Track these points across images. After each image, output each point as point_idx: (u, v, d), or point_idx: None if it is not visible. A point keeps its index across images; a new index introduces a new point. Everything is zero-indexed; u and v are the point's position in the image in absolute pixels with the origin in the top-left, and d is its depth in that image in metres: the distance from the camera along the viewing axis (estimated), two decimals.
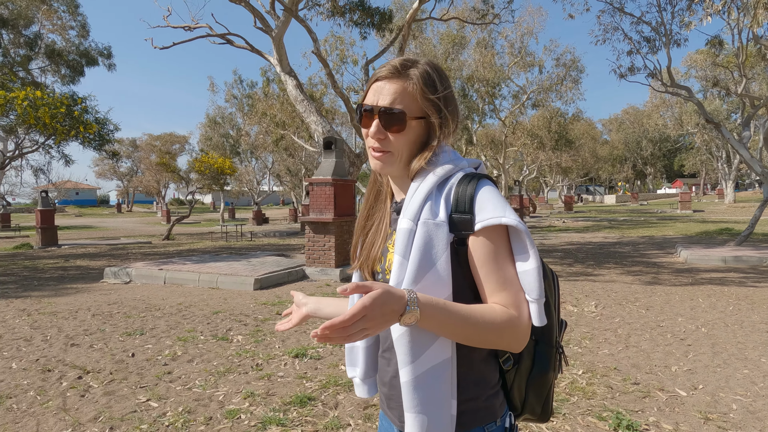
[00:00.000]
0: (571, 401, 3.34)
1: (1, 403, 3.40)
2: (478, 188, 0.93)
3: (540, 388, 1.02)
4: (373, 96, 0.98)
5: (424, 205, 0.94)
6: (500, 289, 0.90)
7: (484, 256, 0.91)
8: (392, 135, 0.97)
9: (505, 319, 0.88)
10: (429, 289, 0.90)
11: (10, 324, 5.68)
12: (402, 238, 0.93)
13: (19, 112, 9.47)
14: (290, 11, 12.30)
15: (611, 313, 5.90)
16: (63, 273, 10.09)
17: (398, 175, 1.03)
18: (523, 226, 0.89)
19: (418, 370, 0.90)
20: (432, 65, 0.99)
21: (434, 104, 0.96)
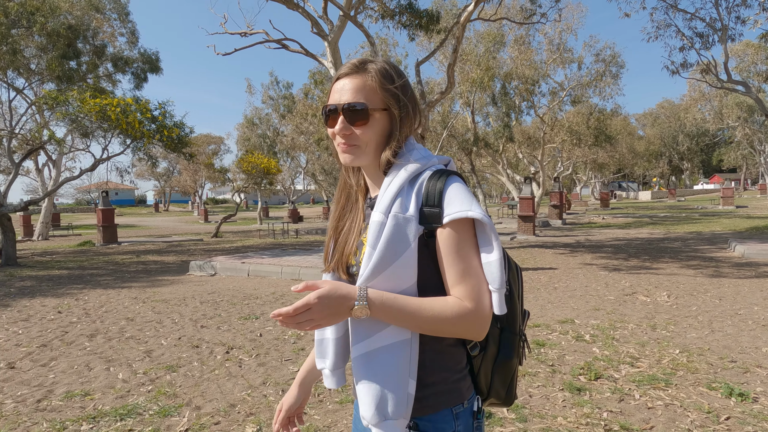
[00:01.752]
0: (678, 374, 3.71)
1: (175, 371, 3.98)
2: (447, 184, 0.97)
3: (505, 374, 1.06)
4: (335, 95, 1.02)
5: (396, 199, 0.98)
6: (459, 281, 0.94)
7: (448, 248, 0.95)
8: (357, 129, 1.01)
9: (456, 312, 0.92)
10: (393, 279, 0.94)
11: (133, 309, 6.34)
12: (373, 230, 0.97)
13: (113, 118, 10.29)
14: (348, 16, 12.81)
15: (686, 303, 6.19)
16: (144, 267, 10.86)
17: (368, 167, 1.08)
18: (488, 219, 0.94)
19: (371, 346, 0.96)
20: (388, 62, 1.05)
21: (393, 94, 1.01)
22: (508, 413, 3.10)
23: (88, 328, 5.43)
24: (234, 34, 15.20)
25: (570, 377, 3.69)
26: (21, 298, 7.32)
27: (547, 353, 4.27)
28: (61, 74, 11.61)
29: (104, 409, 3.25)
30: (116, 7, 21.77)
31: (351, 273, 1.06)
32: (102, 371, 4.00)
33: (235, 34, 15.16)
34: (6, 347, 4.75)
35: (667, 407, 3.16)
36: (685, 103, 52.30)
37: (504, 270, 0.95)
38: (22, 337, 5.09)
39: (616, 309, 5.91)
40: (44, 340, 4.97)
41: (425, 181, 0.99)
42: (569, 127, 27.28)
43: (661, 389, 3.44)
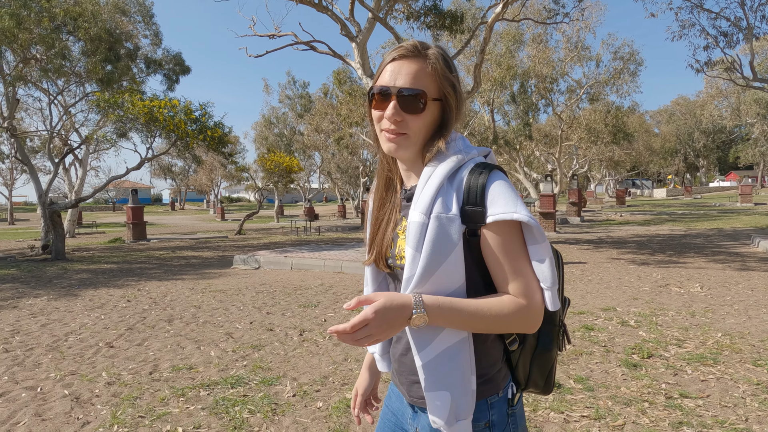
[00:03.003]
0: (723, 354, 4.04)
1: (260, 349, 4.39)
2: (490, 180, 0.94)
3: (543, 365, 1.06)
4: (389, 77, 0.96)
5: (437, 198, 0.94)
6: (511, 279, 0.93)
7: (496, 248, 0.93)
8: (410, 117, 0.95)
9: (513, 309, 0.92)
10: (442, 281, 0.93)
11: (196, 298, 6.79)
12: (414, 231, 0.94)
13: (160, 119, 10.79)
14: (378, 18, 13.18)
15: (719, 293, 6.48)
16: (186, 262, 11.34)
17: (410, 159, 1.03)
18: (534, 221, 0.92)
19: (434, 351, 0.95)
20: (445, 49, 1.00)
21: (451, 84, 0.97)
22: (575, 384, 3.46)
23: (162, 314, 5.87)
24: (263, 36, 15.63)
25: (624, 356, 4.04)
26: (85, 288, 7.80)
27: (597, 336, 4.62)
28: (103, 77, 12.13)
29: (213, 379, 3.67)
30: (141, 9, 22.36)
31: (389, 265, 1.05)
32: (194, 350, 4.43)
33: (263, 36, 15.59)
34: (97, 329, 5.20)
35: (719, 380, 3.49)
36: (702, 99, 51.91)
37: (554, 269, 0.94)
38: (107, 322, 5.54)
39: (653, 299, 6.23)
40: (128, 324, 5.42)
41: (466, 176, 0.96)
42: (587, 124, 27.42)
43: (710, 366, 3.78)
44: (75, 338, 4.88)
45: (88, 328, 5.28)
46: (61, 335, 5.00)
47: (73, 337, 4.92)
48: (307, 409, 3.14)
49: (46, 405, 3.27)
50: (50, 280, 8.78)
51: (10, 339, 4.90)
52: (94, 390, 3.51)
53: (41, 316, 5.86)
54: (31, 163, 13.88)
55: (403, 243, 1.00)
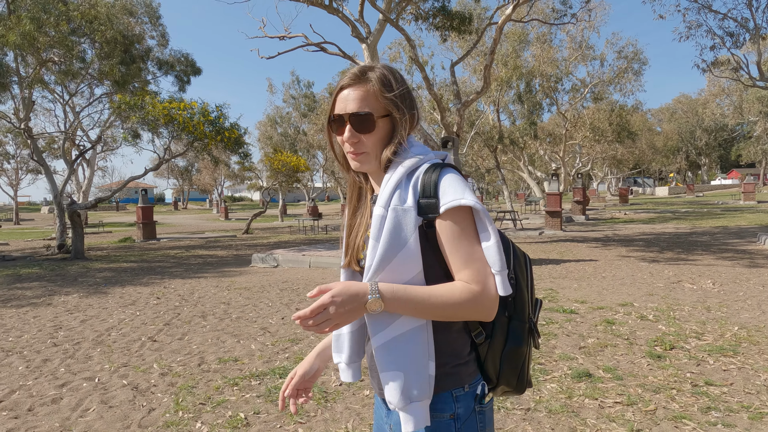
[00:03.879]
0: (742, 346, 4.24)
1: (298, 343, 4.60)
2: (441, 175, 1.02)
3: (514, 361, 1.08)
4: (341, 104, 1.06)
5: (394, 192, 1.02)
6: (464, 266, 0.98)
7: (448, 236, 1.00)
8: (364, 136, 1.05)
9: (465, 295, 0.96)
10: (399, 269, 0.99)
11: (223, 295, 7.00)
12: (375, 223, 1.02)
13: (180, 121, 11.00)
14: (389, 20, 13.37)
15: (731, 289, 6.68)
16: (203, 260, 11.55)
17: (375, 171, 1.11)
18: (480, 206, 0.98)
19: (389, 335, 0.99)
20: (387, 68, 1.09)
21: (392, 102, 1.05)
22: (604, 373, 3.66)
23: (194, 310, 6.08)
24: (273, 37, 15.81)
25: (647, 348, 4.24)
26: (112, 286, 8.02)
27: (619, 329, 4.82)
28: (119, 79, 12.34)
29: (260, 370, 3.88)
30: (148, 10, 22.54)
31: (362, 266, 1.09)
32: (234, 343, 4.64)
33: (273, 38, 15.77)
34: (135, 325, 5.41)
35: (740, 369, 3.69)
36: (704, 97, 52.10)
37: (502, 253, 0.99)
38: (143, 318, 5.75)
39: (668, 294, 6.43)
40: (164, 320, 5.63)
41: (421, 174, 1.04)
42: (591, 123, 27.59)
43: (730, 357, 3.98)
44: (117, 333, 5.09)
45: (126, 323, 5.49)
46: (103, 330, 5.21)
47: (114, 332, 5.13)
48: (355, 396, 3.35)
49: (108, 394, 3.47)
50: (75, 278, 9.00)
51: (54, 334, 5.11)
52: (149, 380, 3.72)
53: (78, 313, 6.08)
54: (46, 163, 14.09)
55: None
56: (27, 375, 3.89)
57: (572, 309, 5.69)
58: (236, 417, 3.04)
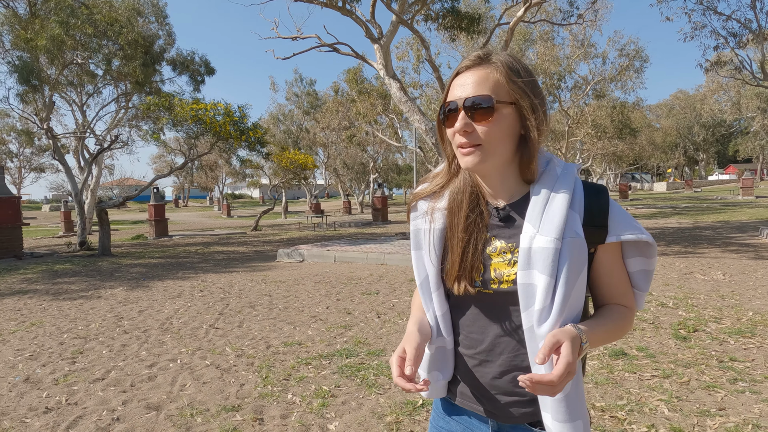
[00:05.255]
0: (758, 328, 4.66)
1: (350, 329, 5.00)
2: (610, 203, 0.97)
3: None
4: (456, 91, 0.95)
5: (566, 222, 0.93)
6: (626, 293, 1.01)
7: (615, 264, 0.99)
8: (480, 125, 0.92)
9: (630, 319, 1.00)
10: (573, 305, 0.93)
11: (262, 288, 7.40)
12: (548, 258, 0.91)
13: (206, 122, 11.37)
14: (402, 21, 13.73)
15: (741, 279, 7.11)
16: (227, 256, 11.94)
17: (494, 174, 0.99)
18: (653, 240, 0.98)
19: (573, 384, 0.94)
20: (513, 55, 0.97)
21: (521, 88, 0.93)
22: (637, 352, 4.08)
23: (241, 301, 6.48)
24: (286, 38, 16.13)
25: (672, 331, 4.66)
26: (151, 280, 8.40)
27: (643, 315, 5.24)
28: (141, 80, 12.68)
29: (326, 352, 4.28)
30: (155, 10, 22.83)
31: (475, 289, 1.00)
32: (291, 330, 5.04)
33: (286, 39, 16.10)
34: (192, 315, 5.81)
35: (759, 348, 4.12)
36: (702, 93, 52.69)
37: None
38: (197, 308, 6.15)
39: (682, 284, 6.86)
40: (216, 310, 6.03)
41: (582, 195, 0.96)
42: (593, 120, 28.02)
43: (749, 338, 4.40)
44: (177, 322, 5.49)
45: (182, 313, 5.89)
46: (163, 319, 5.61)
47: (175, 321, 5.52)
48: None
49: (196, 372, 3.87)
50: (111, 273, 9.38)
51: (119, 323, 5.50)
52: (228, 361, 4.12)
53: (131, 304, 6.47)
54: (67, 163, 14.42)
55: (502, 266, 0.97)
56: (114, 358, 4.29)
57: None
58: (321, 389, 3.44)
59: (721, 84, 44.04)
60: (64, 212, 30.46)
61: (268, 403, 3.25)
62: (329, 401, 3.25)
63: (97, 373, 3.89)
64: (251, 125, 12.69)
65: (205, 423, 2.99)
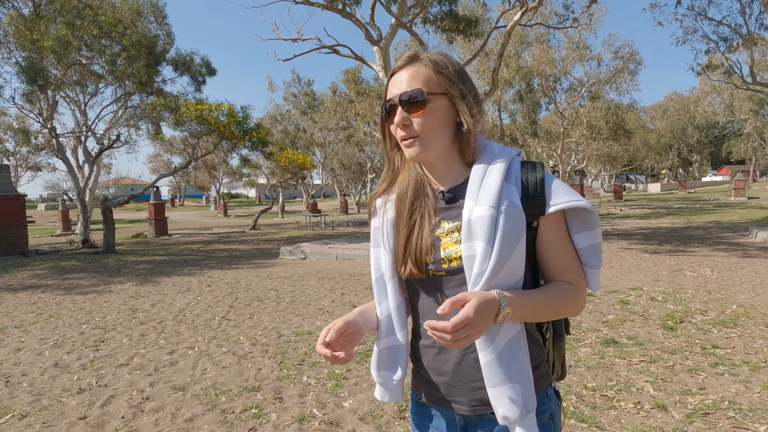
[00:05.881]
0: (740, 319, 4.96)
1: None
2: (546, 175, 0.99)
3: (560, 349, 1.09)
4: (393, 89, 1.01)
5: (501, 191, 0.95)
6: (570, 267, 0.99)
7: (557, 237, 0.99)
8: (416, 117, 0.97)
9: (573, 295, 0.99)
10: (508, 274, 0.94)
11: (268, 284, 7.65)
12: (485, 225, 0.93)
13: (211, 122, 11.61)
14: (402, 24, 14.02)
15: (728, 276, 7.42)
16: (229, 254, 12.18)
17: (437, 162, 1.04)
18: (593, 207, 0.98)
19: (498, 349, 0.94)
20: (441, 52, 1.02)
21: (448, 78, 0.98)
22: (627, 341, 4.37)
23: (249, 295, 6.73)
24: (287, 40, 16.38)
25: (660, 322, 4.95)
26: (157, 276, 8.64)
27: (634, 308, 5.54)
28: (145, 80, 12.90)
29: None
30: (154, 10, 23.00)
31: (428, 272, 1.02)
32: (301, 321, 5.30)
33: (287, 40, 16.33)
34: (203, 307, 6.06)
35: (740, 337, 4.41)
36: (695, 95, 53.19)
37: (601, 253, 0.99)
38: (207, 301, 6.40)
39: (672, 280, 7.17)
40: (227, 303, 6.28)
41: (519, 171, 0.99)
42: (588, 122, 28.41)
43: (731, 328, 4.70)
44: (190, 314, 5.74)
45: (194, 306, 6.14)
46: (176, 311, 5.86)
47: (188, 313, 5.77)
48: None
49: (215, 358, 4.13)
50: (118, 269, 9.60)
51: (134, 315, 5.75)
52: (243, 348, 4.37)
53: (143, 298, 6.71)
54: (70, 162, 14.60)
55: (450, 244, 1.00)
56: (134, 346, 4.54)
57: (589, 292, 6.40)
58: (333, 373, 3.70)
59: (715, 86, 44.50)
60: (62, 211, 30.48)
61: (286, 385, 3.51)
62: (342, 383, 3.52)
63: (121, 359, 4.14)
64: (254, 125, 12.94)
65: (229, 401, 3.25)
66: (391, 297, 1.05)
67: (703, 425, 2.80)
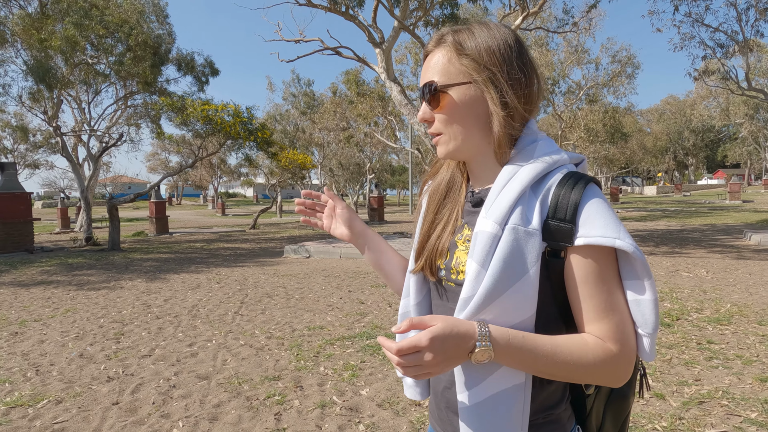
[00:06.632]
0: (734, 317, 5.18)
1: (366, 316, 5.46)
2: (586, 195, 0.77)
3: (618, 413, 0.88)
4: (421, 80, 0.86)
5: (516, 206, 0.78)
6: (600, 318, 0.76)
7: (586, 277, 0.77)
8: (437, 113, 0.84)
9: (599, 356, 0.75)
10: (508, 307, 0.76)
11: (275, 281, 7.83)
12: (483, 243, 0.78)
13: (217, 122, 11.79)
14: (404, 27, 14.22)
15: (723, 276, 7.65)
16: (232, 252, 12.34)
17: (468, 159, 0.90)
18: (640, 253, 0.75)
19: (481, 395, 0.79)
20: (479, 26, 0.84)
21: (475, 61, 0.80)
22: None
23: (258, 292, 6.92)
24: (290, 41, 16.56)
25: None
26: (165, 273, 8.80)
27: None
28: (150, 80, 13.07)
29: (346, 334, 4.73)
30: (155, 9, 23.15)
31: (440, 277, 0.91)
32: (312, 316, 5.49)
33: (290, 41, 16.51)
34: (215, 303, 6.24)
35: (734, 333, 4.63)
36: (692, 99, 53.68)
37: (658, 311, 0.76)
38: (219, 297, 6.58)
39: (669, 280, 7.39)
40: (238, 299, 6.46)
41: (554, 186, 0.79)
42: (586, 124, 28.69)
43: (725, 325, 4.92)
44: (203, 309, 5.92)
45: (206, 302, 6.32)
46: (189, 307, 6.04)
47: (201, 308, 5.95)
48: None
49: (233, 350, 4.31)
50: (126, 267, 9.77)
51: (150, 310, 5.92)
52: (259, 341, 4.56)
53: (155, 294, 6.88)
54: (74, 160, 14.73)
55: (463, 255, 0.86)
56: (154, 338, 4.72)
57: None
58: (348, 364, 3.90)
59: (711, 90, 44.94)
60: (61, 209, 30.52)
61: (304, 375, 3.70)
62: (358, 373, 3.71)
63: (143, 351, 4.33)
64: (259, 126, 13.13)
65: (252, 389, 3.43)
66: (413, 293, 0.95)
67: (698, 412, 3.00)
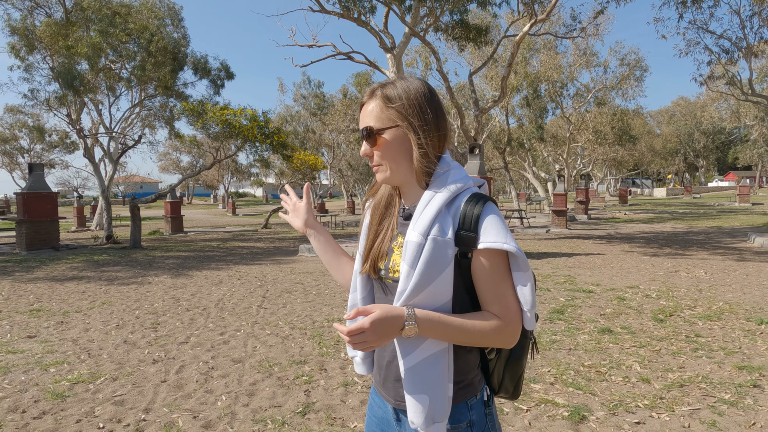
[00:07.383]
0: (724, 314, 5.54)
1: None
2: (485, 211, 1.05)
3: (514, 372, 1.17)
4: (360, 123, 1.13)
5: (435, 222, 1.05)
6: (495, 301, 1.05)
7: (484, 272, 1.05)
8: (375, 150, 1.11)
9: (494, 327, 1.04)
10: (432, 296, 1.04)
11: (292, 278, 8.28)
12: (411, 250, 1.05)
13: (235, 126, 12.29)
14: (415, 33, 14.63)
15: (720, 277, 7.99)
16: (248, 251, 12.83)
17: (399, 184, 1.16)
18: (520, 252, 1.03)
19: (417, 358, 1.06)
20: (400, 82, 1.11)
21: (398, 112, 1.07)
22: (621, 330, 4.96)
23: (278, 288, 7.37)
24: (303, 46, 17.04)
25: (652, 315, 5.54)
26: (188, 270, 9.29)
27: (629, 303, 6.13)
28: (170, 84, 13.60)
29: None
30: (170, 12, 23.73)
31: (381, 276, 1.16)
32: (330, 310, 5.92)
33: (303, 46, 16.99)
34: (239, 297, 6.70)
35: (721, 329, 5.00)
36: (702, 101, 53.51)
37: (535, 294, 1.06)
38: (242, 292, 7.04)
39: (667, 280, 7.74)
40: (260, 294, 6.92)
41: (462, 203, 1.07)
42: (594, 127, 28.92)
43: (715, 321, 5.28)
44: (229, 303, 6.38)
45: (230, 297, 6.78)
46: (215, 300, 6.50)
47: (226, 302, 6.41)
48: None
49: (261, 339, 4.76)
50: (149, 264, 10.27)
51: (179, 303, 6.39)
52: (284, 331, 5.00)
53: (181, 289, 7.36)
54: (95, 160, 15.31)
55: (397, 258, 1.11)
56: (187, 328, 5.18)
57: (590, 289, 7.00)
58: None
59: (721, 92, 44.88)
60: (77, 207, 31.19)
61: (327, 359, 4.14)
62: None
63: (180, 338, 4.79)
64: (274, 129, 13.60)
65: (282, 371, 3.87)
66: (359, 288, 1.21)
67: (678, 393, 3.40)
